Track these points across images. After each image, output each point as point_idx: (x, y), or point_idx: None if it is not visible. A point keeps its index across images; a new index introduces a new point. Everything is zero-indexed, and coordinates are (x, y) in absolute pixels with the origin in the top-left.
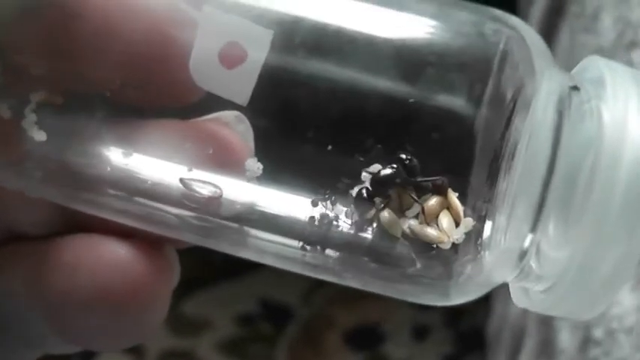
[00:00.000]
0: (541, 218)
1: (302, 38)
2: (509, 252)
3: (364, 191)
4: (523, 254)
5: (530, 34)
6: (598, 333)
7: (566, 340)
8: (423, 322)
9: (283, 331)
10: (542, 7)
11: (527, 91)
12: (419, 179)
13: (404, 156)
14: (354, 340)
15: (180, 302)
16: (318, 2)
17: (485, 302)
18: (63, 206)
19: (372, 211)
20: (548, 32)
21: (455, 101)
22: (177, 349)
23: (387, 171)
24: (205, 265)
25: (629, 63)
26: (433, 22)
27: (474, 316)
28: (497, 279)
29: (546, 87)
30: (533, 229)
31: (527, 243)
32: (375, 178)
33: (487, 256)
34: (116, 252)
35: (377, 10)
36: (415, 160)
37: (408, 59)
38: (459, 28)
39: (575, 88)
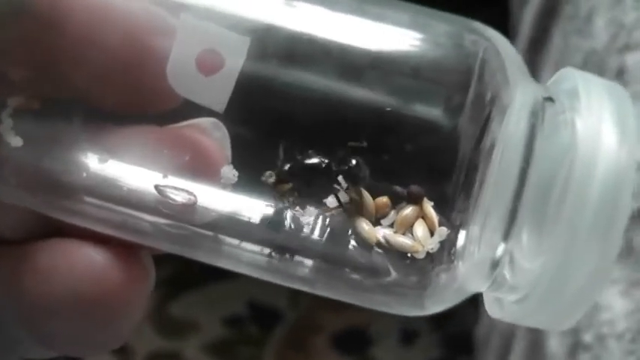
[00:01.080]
0: (513, 228)
1: (279, 47)
2: (482, 261)
3: (281, 166)
4: (495, 264)
5: (504, 45)
6: (588, 338)
7: (555, 344)
8: (411, 326)
9: (271, 334)
10: (534, 10)
11: (502, 103)
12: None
13: (354, 161)
14: (341, 344)
15: (168, 304)
16: (296, 12)
17: (473, 306)
18: None
19: (346, 220)
20: (541, 35)
21: (432, 111)
22: (164, 350)
23: (314, 161)
24: (193, 266)
25: (622, 66)
26: (412, 33)
27: (461, 320)
28: (471, 288)
29: (519, 99)
30: (505, 238)
31: (499, 253)
32: (295, 165)
33: (460, 266)
34: (92, 257)
35: (355, 20)
36: (364, 169)
37: (385, 69)
38: (437, 39)
39: (550, 99)
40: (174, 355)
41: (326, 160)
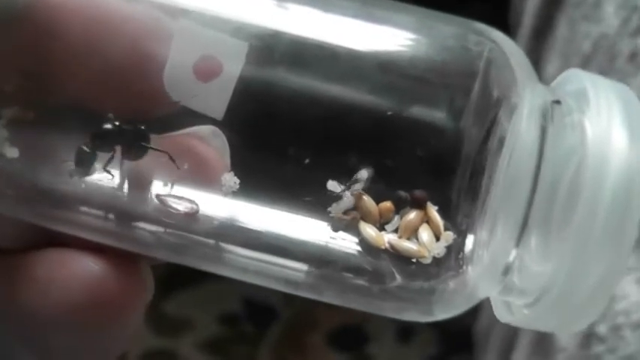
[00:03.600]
0: (525, 233)
1: (279, 51)
2: (494, 267)
3: (84, 147)
4: (507, 269)
5: (511, 47)
6: (602, 329)
7: (565, 337)
8: (408, 323)
9: (266, 332)
10: (537, 0)
11: (510, 105)
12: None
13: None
14: (337, 341)
15: (162, 301)
16: (297, 15)
17: None
18: None
19: (351, 226)
20: (545, 24)
21: (435, 114)
22: (159, 348)
23: (108, 126)
24: None
25: (636, 49)
26: (415, 36)
27: (459, 316)
28: (481, 294)
29: (529, 102)
30: (518, 243)
31: (511, 258)
32: (95, 133)
33: (470, 271)
34: (90, 268)
35: (357, 23)
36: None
37: (388, 72)
38: (440, 42)
39: (556, 101)
40: (168, 354)
41: (117, 123)
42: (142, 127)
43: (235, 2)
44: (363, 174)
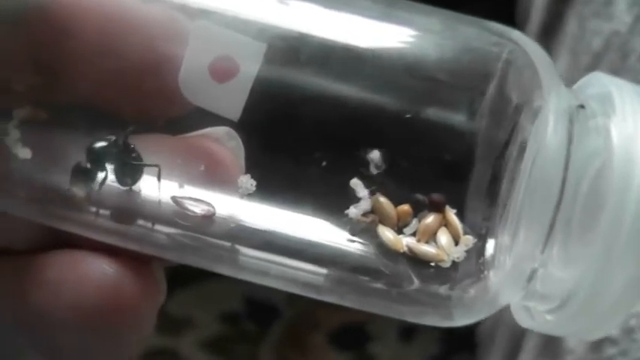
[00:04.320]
0: (551, 238)
1: (298, 52)
2: (518, 273)
3: (82, 164)
4: (532, 275)
5: (534, 49)
6: (614, 331)
7: (574, 339)
8: (410, 322)
9: (268, 331)
10: None
11: (532, 108)
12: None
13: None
14: (339, 340)
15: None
16: (316, 16)
17: None
18: None
19: (371, 228)
20: (554, 21)
21: (454, 117)
22: (160, 347)
23: (102, 143)
24: None
25: None
26: (438, 38)
27: None
28: (504, 300)
29: (555, 105)
30: (544, 249)
31: (536, 264)
32: (90, 151)
33: (492, 277)
34: (102, 270)
35: (377, 25)
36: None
37: (410, 75)
38: (463, 44)
39: (580, 105)
40: (169, 353)
41: (110, 137)
42: (132, 146)
43: (253, 2)
44: (375, 154)
